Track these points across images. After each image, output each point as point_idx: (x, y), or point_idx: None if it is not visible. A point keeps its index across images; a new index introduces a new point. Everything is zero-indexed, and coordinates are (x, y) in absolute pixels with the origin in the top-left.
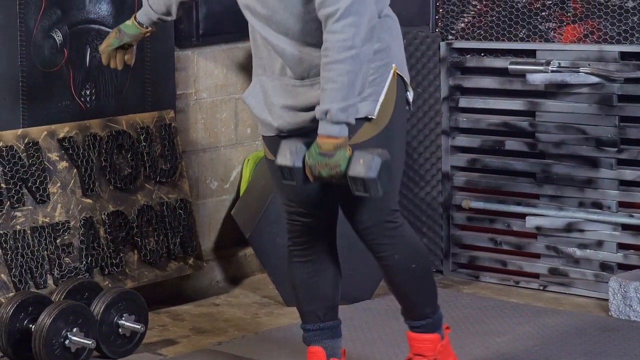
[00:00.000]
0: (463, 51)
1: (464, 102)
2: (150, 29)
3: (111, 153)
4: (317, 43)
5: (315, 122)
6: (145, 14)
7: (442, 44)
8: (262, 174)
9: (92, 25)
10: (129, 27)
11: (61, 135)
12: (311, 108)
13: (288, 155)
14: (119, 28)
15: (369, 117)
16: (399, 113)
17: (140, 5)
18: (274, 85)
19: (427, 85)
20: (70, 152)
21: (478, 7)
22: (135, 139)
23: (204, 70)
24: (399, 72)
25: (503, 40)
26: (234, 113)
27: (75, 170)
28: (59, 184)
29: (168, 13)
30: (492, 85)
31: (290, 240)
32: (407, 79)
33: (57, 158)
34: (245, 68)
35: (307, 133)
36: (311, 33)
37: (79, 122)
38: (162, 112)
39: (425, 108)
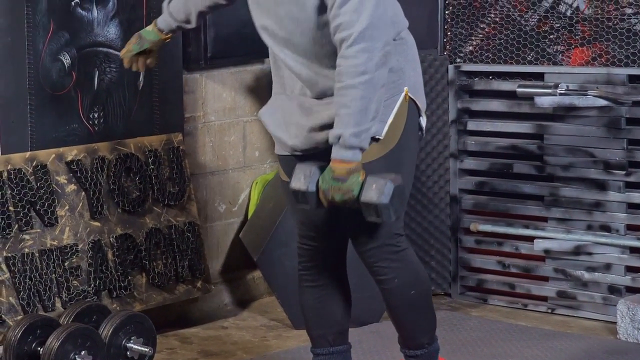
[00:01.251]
0: (471, 74)
1: (472, 124)
2: (170, 35)
3: (119, 176)
4: (334, 65)
5: (329, 143)
6: (165, 21)
7: (451, 67)
8: (270, 197)
9: (101, 48)
10: (149, 33)
11: (69, 158)
12: (326, 127)
13: (302, 179)
14: (139, 34)
15: (376, 137)
16: (410, 136)
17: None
18: (292, 104)
19: (436, 108)
20: (79, 175)
21: (486, 30)
22: (144, 162)
23: (212, 93)
24: (411, 96)
25: (511, 64)
26: (242, 136)
27: (83, 193)
28: (67, 207)
29: (187, 21)
30: (500, 108)
31: (300, 264)
32: (422, 105)
33: (65, 181)
34: (254, 91)
35: (321, 154)
36: (328, 56)
37: (87, 145)
38: (170, 135)
39: (434, 131)
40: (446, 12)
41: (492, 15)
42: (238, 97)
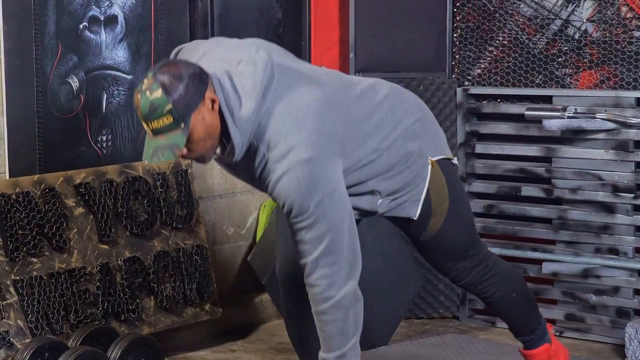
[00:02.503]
0: (479, 97)
1: (480, 148)
2: None
3: (127, 199)
4: None
5: None
6: None
7: (459, 90)
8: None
9: (109, 72)
10: None
11: (78, 182)
12: None
13: None
14: None
15: (412, 217)
16: (454, 186)
17: (156, 52)
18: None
19: (444, 132)
20: (87, 198)
21: (494, 53)
22: (152, 185)
23: None
24: (437, 159)
25: (519, 86)
26: None
27: (91, 216)
28: (75, 230)
29: None
30: (508, 131)
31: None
32: (449, 154)
33: (74, 204)
34: None
35: None
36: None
37: (96, 168)
38: (178, 158)
39: None
40: (454, 35)
41: (501, 38)
42: None
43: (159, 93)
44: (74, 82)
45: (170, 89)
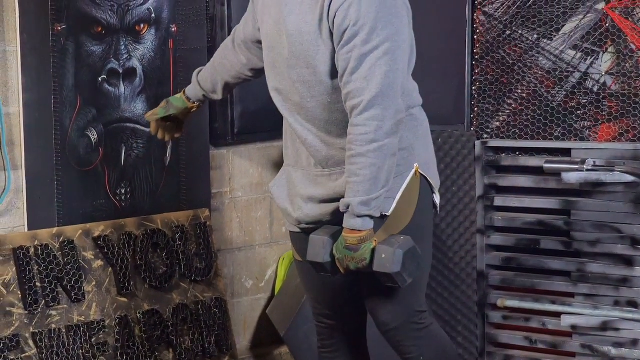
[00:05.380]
0: (498, 150)
1: (499, 200)
2: (196, 104)
3: (146, 252)
4: (341, 134)
5: (332, 215)
6: (193, 89)
7: (477, 143)
8: (297, 273)
9: (127, 124)
10: (177, 100)
11: (96, 234)
12: (328, 200)
13: (316, 251)
14: (167, 100)
15: (384, 213)
16: (423, 214)
17: None
18: (298, 175)
19: (462, 184)
20: (106, 250)
21: (513, 106)
22: (171, 237)
23: (239, 169)
24: (422, 172)
25: (538, 139)
26: (269, 212)
27: (110, 268)
28: (94, 283)
29: (214, 91)
30: (527, 184)
31: (319, 342)
32: (435, 182)
33: (93, 257)
34: (280, 166)
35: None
36: (336, 123)
37: (114, 221)
38: (197, 210)
39: (461, 207)
40: (473, 87)
41: (519, 91)
42: (265, 172)
43: None
44: (93, 135)
45: None
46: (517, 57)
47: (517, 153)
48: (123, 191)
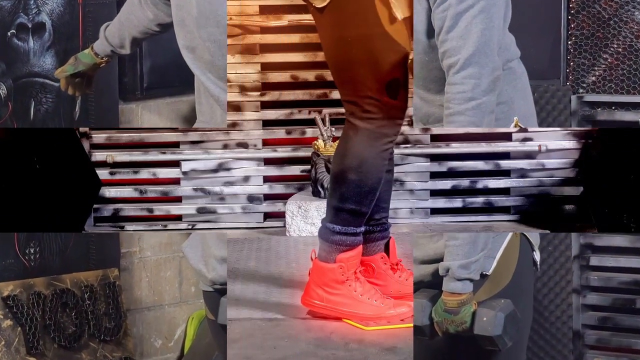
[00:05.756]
0: (594, 104)
1: (594, 260)
2: (105, 59)
3: (55, 311)
4: (439, 90)
5: (432, 277)
6: (101, 45)
7: (573, 97)
8: (206, 333)
9: (37, 79)
10: (85, 56)
11: (5, 294)
12: (428, 261)
13: (415, 314)
14: (76, 56)
15: (485, 272)
16: (523, 274)
17: None
18: (211, 235)
19: (558, 244)
20: (15, 310)
21: (609, 60)
22: (80, 297)
23: (149, 232)
24: (523, 233)
25: (634, 94)
26: (178, 271)
27: (19, 328)
28: (3, 343)
29: (122, 46)
30: (622, 243)
31: None
32: (534, 240)
33: (2, 316)
34: (189, 121)
35: None
36: (435, 80)
37: (23, 281)
38: (106, 270)
39: (556, 266)
40: (569, 42)
41: (615, 46)
42: (173, 233)
43: None
44: (2, 90)
45: None
46: (613, 11)
47: (613, 107)
48: (32, 251)
